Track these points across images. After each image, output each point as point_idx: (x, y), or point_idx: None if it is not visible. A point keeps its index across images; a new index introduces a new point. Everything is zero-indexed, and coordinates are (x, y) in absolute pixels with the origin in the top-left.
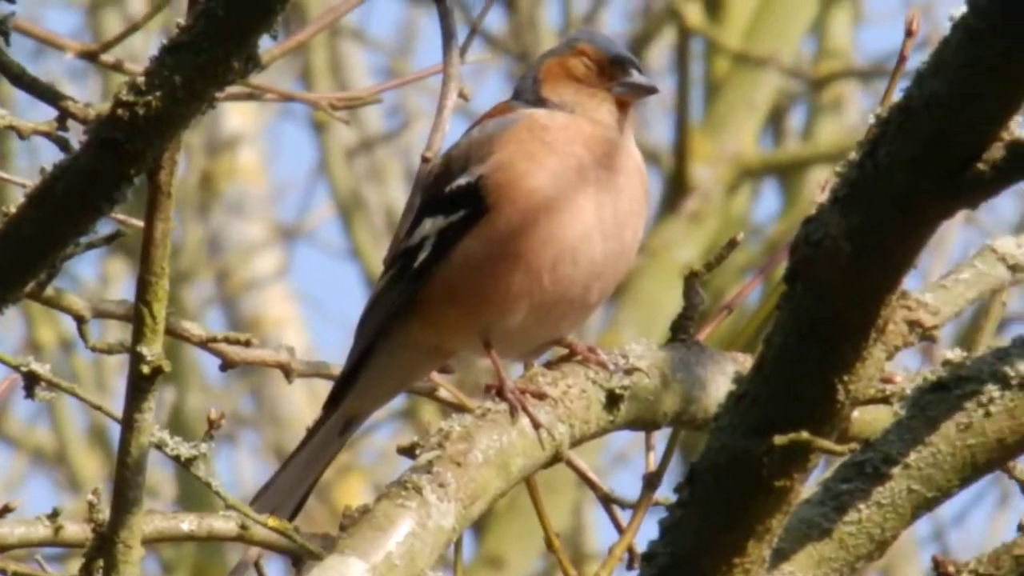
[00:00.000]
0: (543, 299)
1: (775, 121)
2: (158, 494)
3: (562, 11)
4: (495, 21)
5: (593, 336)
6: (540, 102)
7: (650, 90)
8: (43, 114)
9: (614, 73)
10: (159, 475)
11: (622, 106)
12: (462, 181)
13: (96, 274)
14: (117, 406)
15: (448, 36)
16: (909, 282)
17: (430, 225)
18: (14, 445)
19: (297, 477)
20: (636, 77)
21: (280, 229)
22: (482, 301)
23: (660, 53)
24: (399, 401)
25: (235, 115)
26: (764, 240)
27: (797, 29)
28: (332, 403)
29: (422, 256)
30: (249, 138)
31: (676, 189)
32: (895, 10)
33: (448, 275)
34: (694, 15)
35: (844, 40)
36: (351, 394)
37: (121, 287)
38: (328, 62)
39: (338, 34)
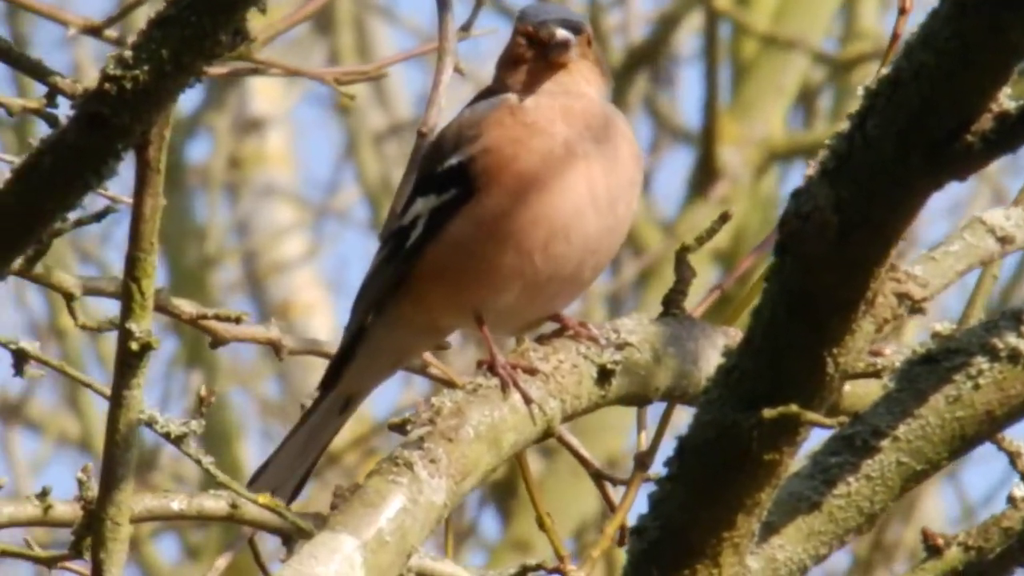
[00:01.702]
0: (536, 278)
1: (804, 103)
2: (184, 478)
3: None
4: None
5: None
6: (503, 90)
7: (563, 44)
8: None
9: (543, 39)
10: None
11: (558, 67)
12: (452, 161)
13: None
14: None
15: (443, 7)
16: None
17: (422, 204)
18: (40, 430)
19: (296, 456)
20: (558, 35)
21: (308, 212)
22: (473, 281)
23: (689, 36)
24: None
25: (261, 98)
26: None
27: (826, 11)
28: (330, 381)
29: (414, 235)
30: (276, 121)
31: (705, 173)
32: None
33: (439, 255)
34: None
35: (872, 22)
36: (348, 372)
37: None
38: (356, 43)
39: (366, 13)
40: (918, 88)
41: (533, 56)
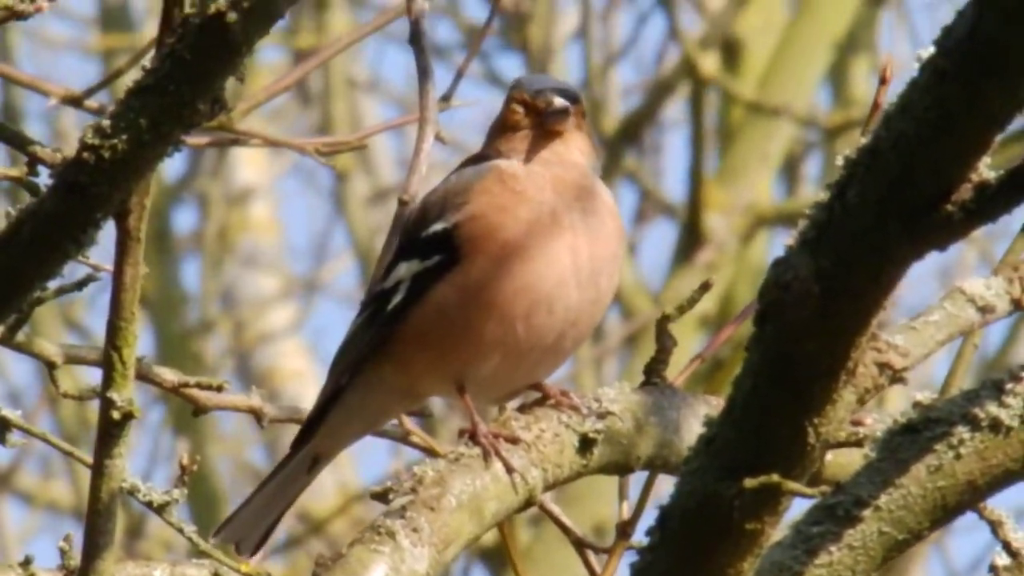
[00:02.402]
0: (517, 347)
1: (790, 170)
2: (173, 546)
3: (582, 61)
4: (509, 67)
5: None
6: (494, 156)
7: (561, 111)
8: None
9: (540, 107)
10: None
11: (555, 135)
12: (438, 227)
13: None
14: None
15: (423, 77)
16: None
17: (405, 269)
18: (28, 499)
19: (262, 511)
20: (555, 103)
21: (295, 282)
22: (455, 348)
23: (675, 104)
24: None
25: (247, 167)
26: None
27: (812, 78)
28: (301, 440)
29: (396, 300)
30: (261, 191)
31: (691, 240)
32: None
33: (422, 320)
34: (708, 65)
35: (863, 90)
36: (320, 432)
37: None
38: (347, 114)
39: (354, 86)
40: (897, 157)
41: (528, 123)
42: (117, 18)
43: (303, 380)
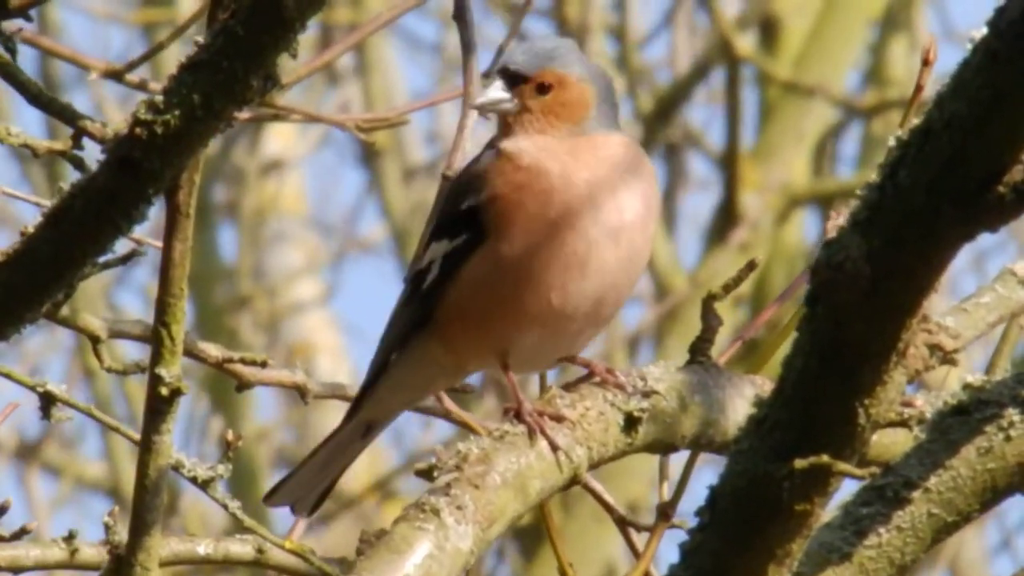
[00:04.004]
0: (556, 317)
1: (822, 149)
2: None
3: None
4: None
5: (641, 363)
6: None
7: (483, 107)
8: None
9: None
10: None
11: (507, 124)
12: (462, 207)
13: (138, 298)
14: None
15: (467, 52)
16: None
17: (435, 248)
18: (57, 472)
19: (316, 474)
20: (478, 99)
21: (325, 255)
22: (494, 322)
23: (713, 81)
24: None
25: (275, 140)
26: None
27: (848, 58)
28: (353, 410)
29: (429, 278)
30: (292, 164)
31: (726, 219)
32: (953, 36)
33: (459, 297)
34: (744, 45)
35: (901, 69)
36: (370, 401)
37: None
38: (363, 89)
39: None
40: (949, 138)
41: None
42: None
43: (334, 354)
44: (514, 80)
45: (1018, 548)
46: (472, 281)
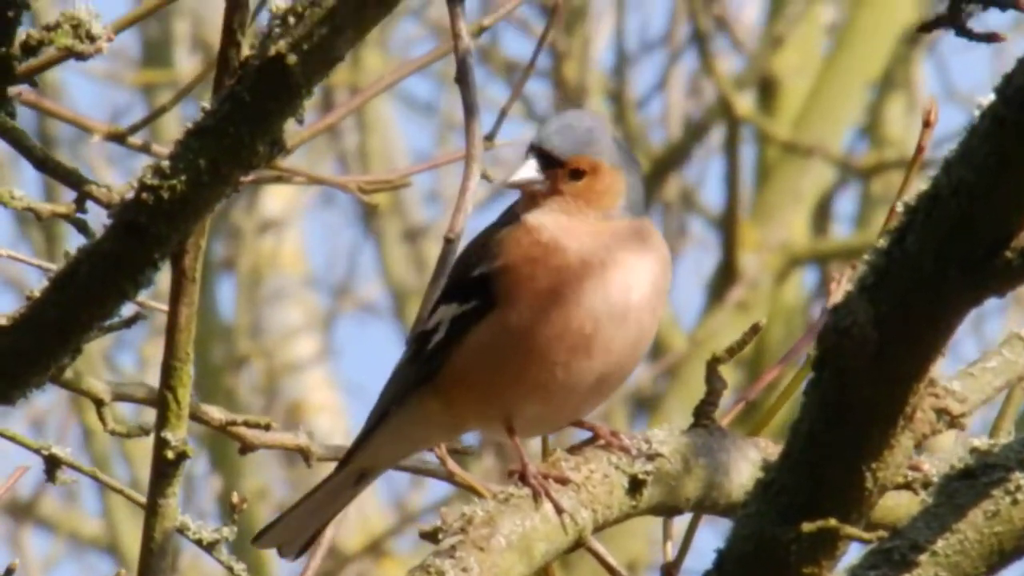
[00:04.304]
0: (559, 390)
1: (820, 208)
2: None
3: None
4: (543, 101)
5: (639, 424)
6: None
7: (518, 185)
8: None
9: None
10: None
11: (532, 199)
12: (475, 274)
13: (134, 359)
14: None
15: (469, 115)
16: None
17: (444, 311)
18: (52, 529)
19: (306, 518)
20: (512, 179)
21: (321, 313)
22: (496, 389)
23: (712, 140)
24: None
25: (275, 199)
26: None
27: (847, 118)
28: (347, 458)
29: (435, 339)
30: (288, 223)
31: (725, 278)
32: (951, 96)
33: (463, 360)
34: (744, 105)
35: (898, 129)
36: (364, 451)
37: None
38: (362, 147)
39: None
40: (957, 204)
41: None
42: (156, 54)
43: (332, 413)
44: (548, 161)
45: None
46: (478, 347)
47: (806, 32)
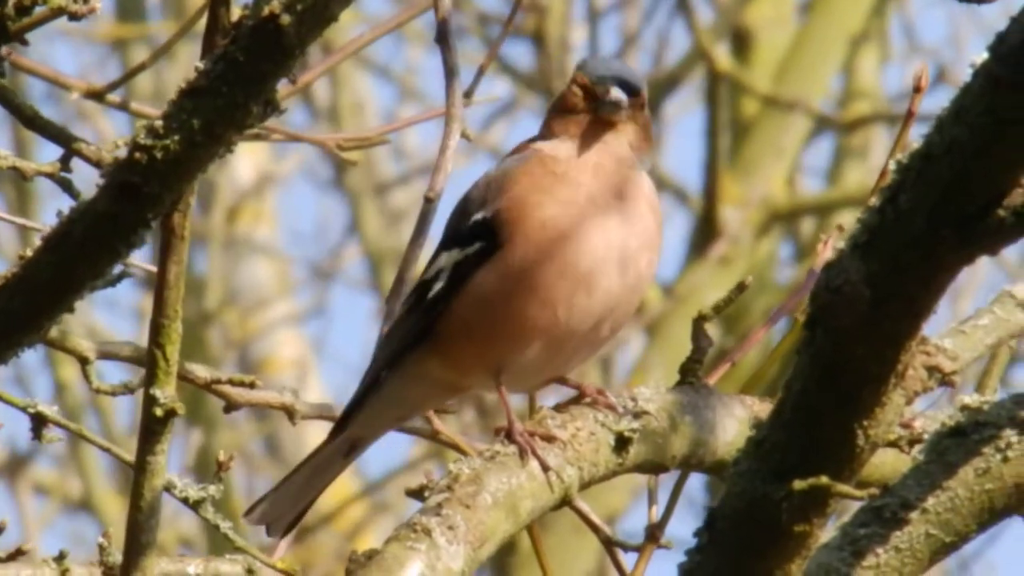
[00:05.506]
0: (558, 332)
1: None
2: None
3: (590, 49)
4: (523, 58)
5: (620, 380)
6: (548, 136)
7: (615, 104)
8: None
9: (597, 94)
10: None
11: (609, 125)
12: (478, 217)
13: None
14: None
15: (450, 75)
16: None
17: (446, 258)
18: (44, 492)
19: (296, 493)
20: (612, 94)
21: (293, 271)
22: (497, 335)
23: (689, 95)
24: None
25: (247, 156)
26: (793, 284)
27: (827, 72)
28: (339, 427)
29: (436, 288)
30: (261, 180)
31: (705, 232)
32: (923, 48)
33: (463, 309)
34: (723, 58)
35: (871, 80)
36: (358, 419)
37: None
38: (332, 102)
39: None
40: (950, 163)
41: (585, 108)
42: (131, 9)
43: (298, 370)
44: (628, 91)
45: None
46: (479, 291)
47: None
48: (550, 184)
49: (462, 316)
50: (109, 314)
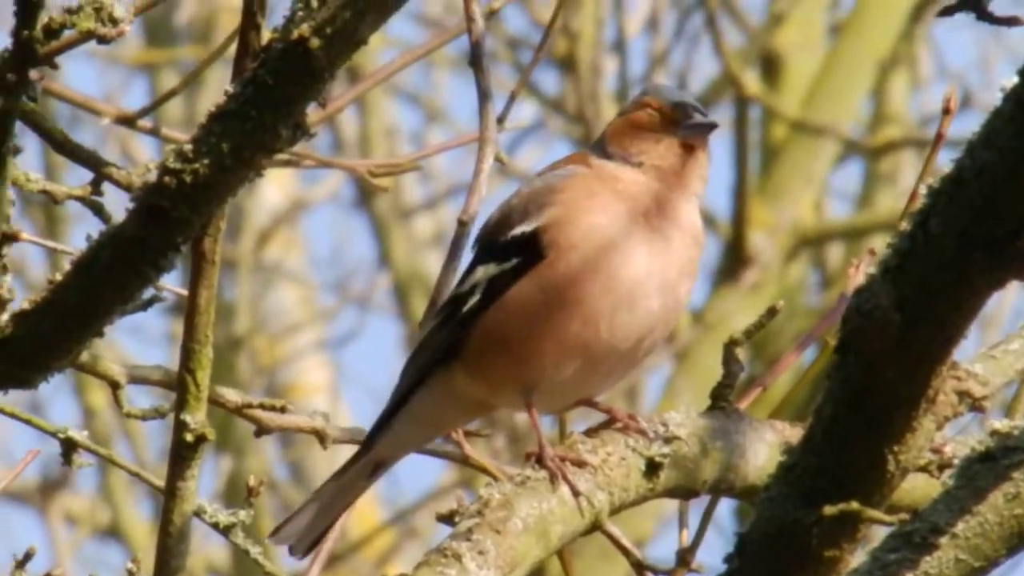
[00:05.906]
0: (598, 349)
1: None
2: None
3: (619, 75)
4: (551, 84)
5: (647, 407)
6: (607, 156)
7: (711, 126)
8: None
9: (677, 118)
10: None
11: (689, 150)
12: (520, 230)
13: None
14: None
15: (483, 98)
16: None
17: (482, 272)
18: (74, 521)
19: (319, 514)
20: (697, 118)
21: (319, 297)
22: (534, 350)
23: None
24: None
25: (275, 183)
26: (821, 309)
27: (855, 96)
28: (365, 447)
29: (471, 301)
30: (291, 207)
31: (734, 258)
32: (950, 72)
33: (498, 323)
34: (752, 82)
35: (900, 105)
36: (384, 437)
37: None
38: (361, 128)
39: (391, 97)
40: (980, 187)
41: (655, 128)
42: (159, 33)
43: (325, 395)
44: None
45: None
46: (518, 303)
47: (807, 8)
48: (600, 190)
49: (497, 330)
50: (137, 342)
